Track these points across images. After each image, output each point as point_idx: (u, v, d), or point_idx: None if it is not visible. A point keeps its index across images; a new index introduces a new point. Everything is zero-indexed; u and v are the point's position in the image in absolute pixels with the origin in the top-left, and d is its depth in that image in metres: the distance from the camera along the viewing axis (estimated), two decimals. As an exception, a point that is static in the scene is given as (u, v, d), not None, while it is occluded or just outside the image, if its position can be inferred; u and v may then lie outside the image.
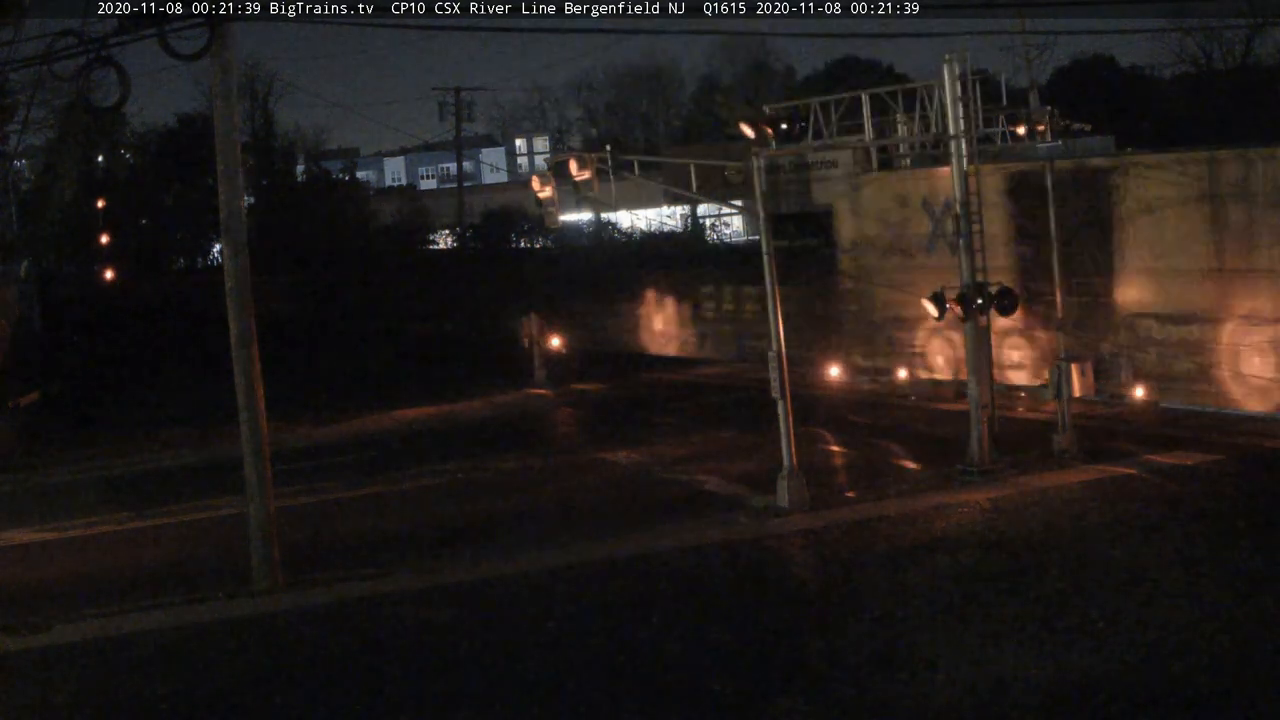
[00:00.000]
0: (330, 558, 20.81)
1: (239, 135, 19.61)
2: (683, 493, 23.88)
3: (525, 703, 14.20)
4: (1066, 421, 23.63)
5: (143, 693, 15.28)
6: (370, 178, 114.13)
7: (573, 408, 34.38)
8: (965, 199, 23.32)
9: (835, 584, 17.64)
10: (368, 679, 15.20)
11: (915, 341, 31.48)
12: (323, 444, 31.18)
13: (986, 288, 23.10)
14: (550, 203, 24.39)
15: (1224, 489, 20.73)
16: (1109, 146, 33.43)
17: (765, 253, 22.08)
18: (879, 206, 32.38)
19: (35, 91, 34.22)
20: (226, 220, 19.38)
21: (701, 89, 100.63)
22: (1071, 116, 36.39)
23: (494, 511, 23.66)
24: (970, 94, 24.56)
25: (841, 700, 13.67)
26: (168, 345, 54.35)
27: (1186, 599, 15.71)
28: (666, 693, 14.27)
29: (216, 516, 24.41)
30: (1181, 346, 26.41)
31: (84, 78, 18.53)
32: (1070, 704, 13.16)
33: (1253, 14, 56.01)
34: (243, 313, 19.28)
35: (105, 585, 20.10)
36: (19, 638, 17.49)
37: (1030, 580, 16.84)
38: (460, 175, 77.55)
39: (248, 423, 19.38)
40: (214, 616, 18.04)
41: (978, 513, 20.35)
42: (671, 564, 19.09)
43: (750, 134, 22.87)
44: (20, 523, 25.17)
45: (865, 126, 33.91)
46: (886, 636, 15.33)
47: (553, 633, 16.43)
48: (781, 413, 21.75)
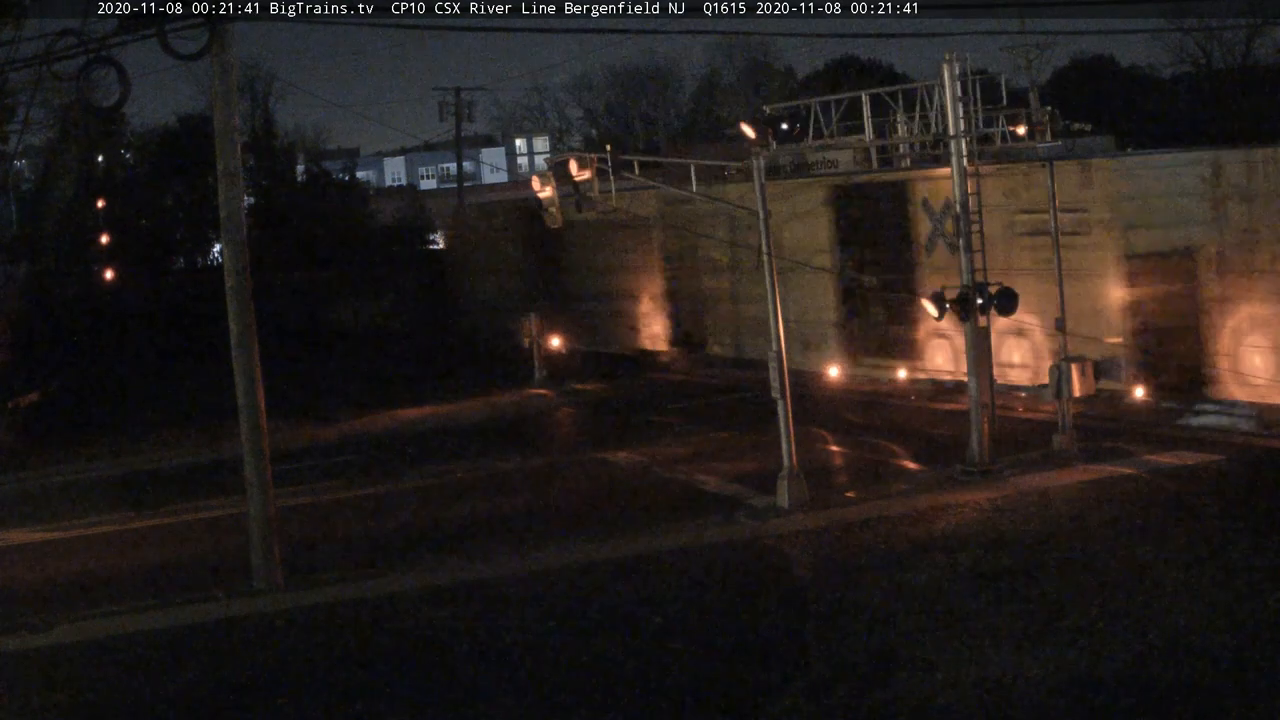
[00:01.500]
0: (330, 558, 20.82)
1: (239, 135, 19.61)
2: (683, 493, 23.87)
3: (525, 702, 14.20)
4: (1066, 421, 23.63)
5: (143, 693, 15.29)
6: (370, 178, 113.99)
7: (573, 408, 34.37)
8: (965, 199, 23.33)
9: (835, 584, 17.63)
10: (367, 679, 15.20)
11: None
12: (323, 444, 31.18)
13: (986, 288, 23.09)
14: (550, 203, 24.36)
15: (1224, 489, 20.72)
16: (1109, 146, 33.47)
17: (765, 252, 22.09)
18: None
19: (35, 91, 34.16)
20: (226, 220, 19.39)
21: (701, 89, 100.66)
22: (1071, 116, 36.45)
23: (494, 511, 23.66)
24: (970, 94, 24.56)
25: (841, 700, 13.68)
26: (168, 345, 54.33)
27: (1186, 599, 15.71)
28: (667, 693, 14.27)
29: (216, 516, 24.42)
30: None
31: (84, 78, 18.54)
32: (1070, 704, 13.17)
33: (1253, 14, 56.09)
34: (243, 313, 19.29)
35: (105, 585, 20.11)
36: (19, 638, 17.50)
37: (1030, 580, 16.84)
38: (460, 175, 77.53)
39: (248, 423, 19.39)
40: (214, 616, 18.05)
41: (978, 513, 20.34)
42: (671, 564, 19.10)
43: (750, 134, 22.88)
44: (20, 523, 25.18)
45: (865, 126, 33.97)
46: (886, 636, 15.33)
47: (553, 632, 16.43)
48: (781, 413, 21.75)
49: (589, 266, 43.84)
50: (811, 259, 31.25)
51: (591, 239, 42.18)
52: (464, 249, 52.66)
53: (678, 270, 40.23)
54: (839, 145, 34.75)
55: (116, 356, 51.36)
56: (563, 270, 45.16)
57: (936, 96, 25.57)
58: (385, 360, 45.83)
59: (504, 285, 49.09)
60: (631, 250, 41.95)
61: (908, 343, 31.78)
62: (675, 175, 34.63)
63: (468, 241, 52.75)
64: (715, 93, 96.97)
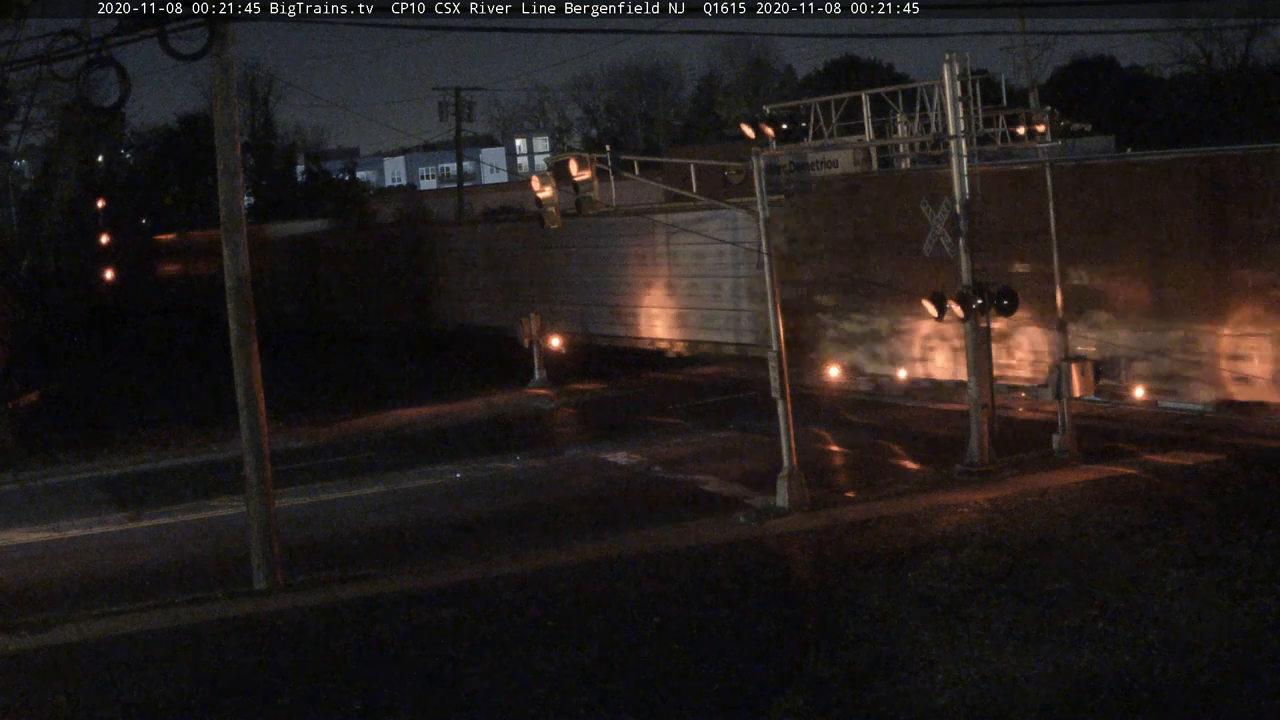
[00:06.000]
0: (330, 558, 20.83)
1: (239, 135, 19.61)
2: (683, 493, 23.89)
3: (525, 702, 14.21)
4: (1066, 421, 23.62)
5: (143, 693, 15.28)
6: (370, 178, 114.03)
7: (573, 407, 34.37)
8: (965, 199, 23.33)
9: (835, 584, 17.64)
10: (367, 679, 15.20)
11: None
12: (323, 444, 31.19)
13: (986, 288, 23.09)
14: (550, 203, 24.34)
15: (1224, 489, 20.72)
16: (1109, 147, 33.46)
17: (765, 252, 22.09)
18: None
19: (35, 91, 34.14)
20: (226, 220, 19.39)
21: (701, 89, 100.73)
22: (1071, 116, 36.44)
23: (493, 511, 23.68)
24: (970, 94, 24.54)
25: (841, 700, 13.68)
26: (168, 345, 54.35)
27: (1186, 599, 15.71)
28: (667, 693, 14.27)
29: (216, 516, 24.44)
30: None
31: (84, 78, 18.55)
32: (1070, 704, 13.17)
33: (1253, 14, 56.10)
34: (243, 313, 19.30)
35: (105, 585, 20.11)
36: (19, 638, 17.50)
37: (1030, 580, 16.84)
38: (460, 175, 77.56)
39: (248, 423, 19.39)
40: (214, 616, 18.05)
41: (978, 513, 20.34)
42: (671, 564, 19.10)
43: (750, 134, 22.87)
44: (20, 523, 25.19)
45: (865, 126, 33.93)
46: (886, 636, 15.33)
47: (553, 632, 16.43)
48: (781, 413, 21.75)
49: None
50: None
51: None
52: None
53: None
54: (839, 145, 34.71)
55: (116, 356, 51.41)
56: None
57: (936, 96, 25.54)
58: (385, 360, 45.83)
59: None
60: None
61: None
62: (675, 175, 34.63)
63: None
64: (715, 93, 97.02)
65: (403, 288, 56.40)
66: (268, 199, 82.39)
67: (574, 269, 44.72)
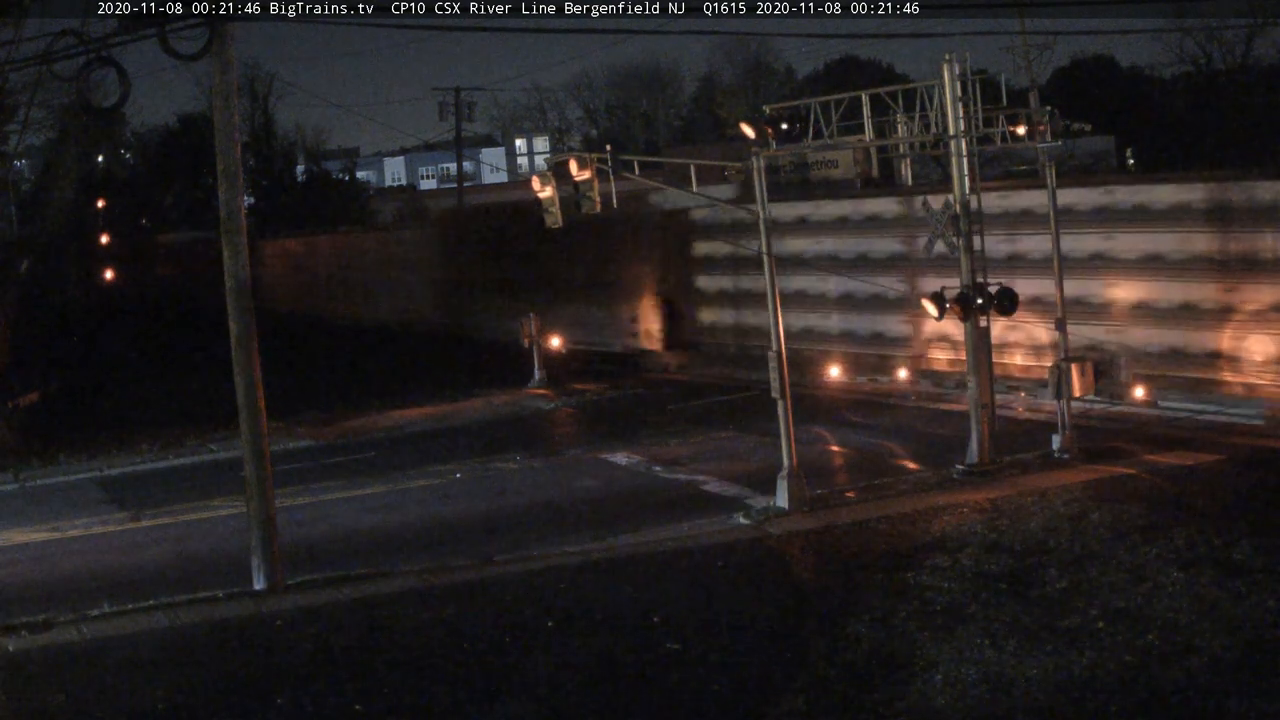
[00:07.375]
0: (330, 558, 20.82)
1: (239, 135, 19.61)
2: (683, 493, 23.89)
3: (525, 702, 14.21)
4: (1066, 421, 23.62)
5: (142, 693, 15.28)
6: (370, 178, 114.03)
7: (572, 408, 34.37)
8: (965, 199, 23.32)
9: (835, 584, 17.64)
10: (368, 679, 15.20)
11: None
12: (323, 444, 31.20)
13: (986, 288, 23.08)
14: (550, 203, 24.34)
15: (1224, 489, 20.72)
16: (1109, 147, 33.45)
17: (765, 253, 22.09)
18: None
19: (35, 91, 34.16)
20: (226, 220, 19.39)
21: (701, 89, 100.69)
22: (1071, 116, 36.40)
23: (494, 511, 23.68)
24: (970, 94, 24.52)
25: (841, 700, 13.68)
26: (167, 345, 54.33)
27: (1186, 599, 15.71)
28: (667, 693, 14.27)
29: (216, 516, 24.44)
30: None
31: (84, 78, 18.54)
32: (1070, 704, 13.17)
33: (1253, 14, 56.06)
34: (243, 313, 19.29)
35: (105, 585, 20.10)
36: (19, 638, 17.49)
37: (1030, 580, 16.84)
38: (460, 175, 77.50)
39: (247, 423, 19.38)
40: (214, 616, 18.04)
41: (978, 513, 20.34)
42: (672, 564, 19.10)
43: (750, 134, 22.85)
44: (20, 523, 25.19)
45: (865, 126, 33.87)
46: (886, 636, 15.34)
47: (553, 632, 16.43)
48: (781, 413, 21.74)
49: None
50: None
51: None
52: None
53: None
54: (839, 145, 34.68)
55: (117, 356, 51.39)
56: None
57: (936, 96, 25.51)
58: (385, 360, 45.84)
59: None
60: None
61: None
62: (675, 175, 34.56)
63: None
64: (715, 93, 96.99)
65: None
66: (268, 199, 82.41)
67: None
